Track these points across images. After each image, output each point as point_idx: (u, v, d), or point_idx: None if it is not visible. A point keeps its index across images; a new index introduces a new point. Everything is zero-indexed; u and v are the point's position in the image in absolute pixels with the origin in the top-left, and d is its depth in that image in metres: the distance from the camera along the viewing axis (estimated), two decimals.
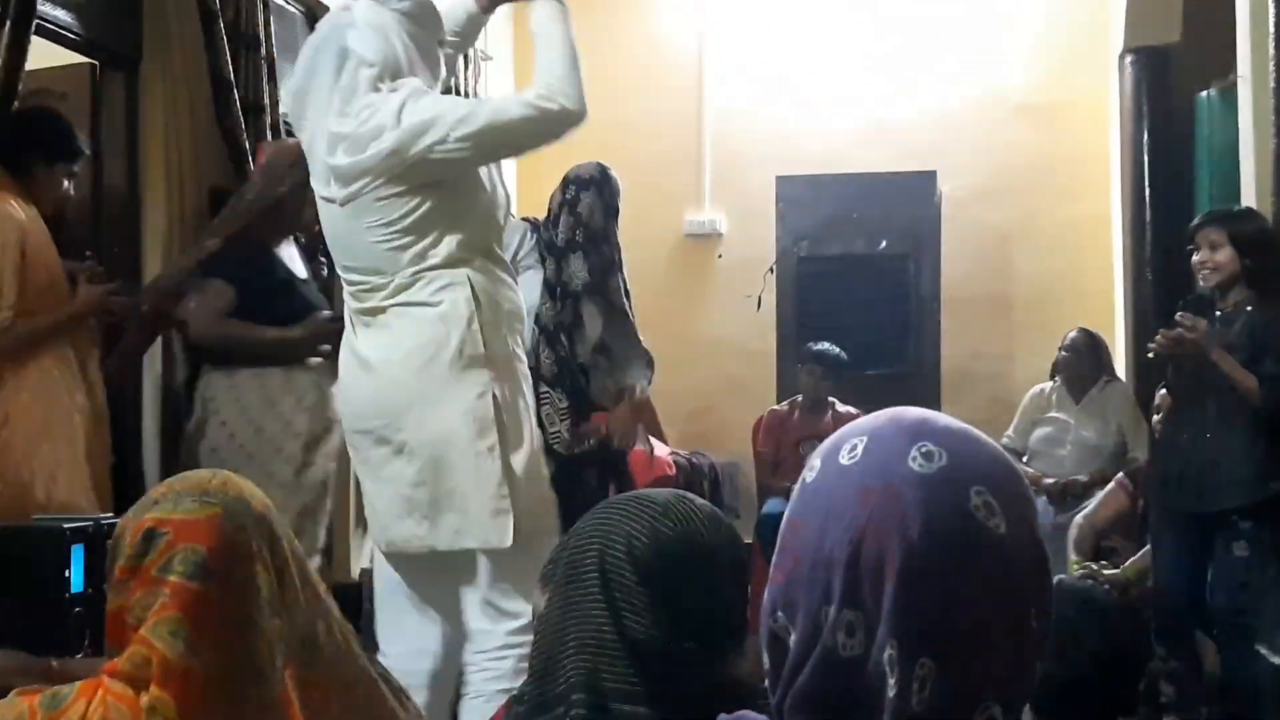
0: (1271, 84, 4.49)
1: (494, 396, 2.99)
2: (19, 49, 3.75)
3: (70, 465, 3.61)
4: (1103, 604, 2.04)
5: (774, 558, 1.09)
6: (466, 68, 7.16)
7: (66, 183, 3.79)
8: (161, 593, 1.69)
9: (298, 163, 3.55)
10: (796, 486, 1.11)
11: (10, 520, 3.32)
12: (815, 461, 1.10)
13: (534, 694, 1.50)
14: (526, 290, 4.17)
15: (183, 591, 1.69)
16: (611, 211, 4.79)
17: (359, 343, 3.12)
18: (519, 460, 3.02)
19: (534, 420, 3.22)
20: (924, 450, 1.04)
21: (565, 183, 4.80)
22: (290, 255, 4.55)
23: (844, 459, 1.07)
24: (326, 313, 4.34)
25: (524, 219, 4.95)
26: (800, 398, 6.95)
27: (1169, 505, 4.52)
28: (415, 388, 2.99)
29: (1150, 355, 4.48)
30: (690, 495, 1.60)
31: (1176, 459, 4.43)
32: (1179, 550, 4.40)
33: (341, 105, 2.98)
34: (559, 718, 1.46)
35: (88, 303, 3.72)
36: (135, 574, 1.71)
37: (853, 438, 1.08)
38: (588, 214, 4.72)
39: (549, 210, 4.84)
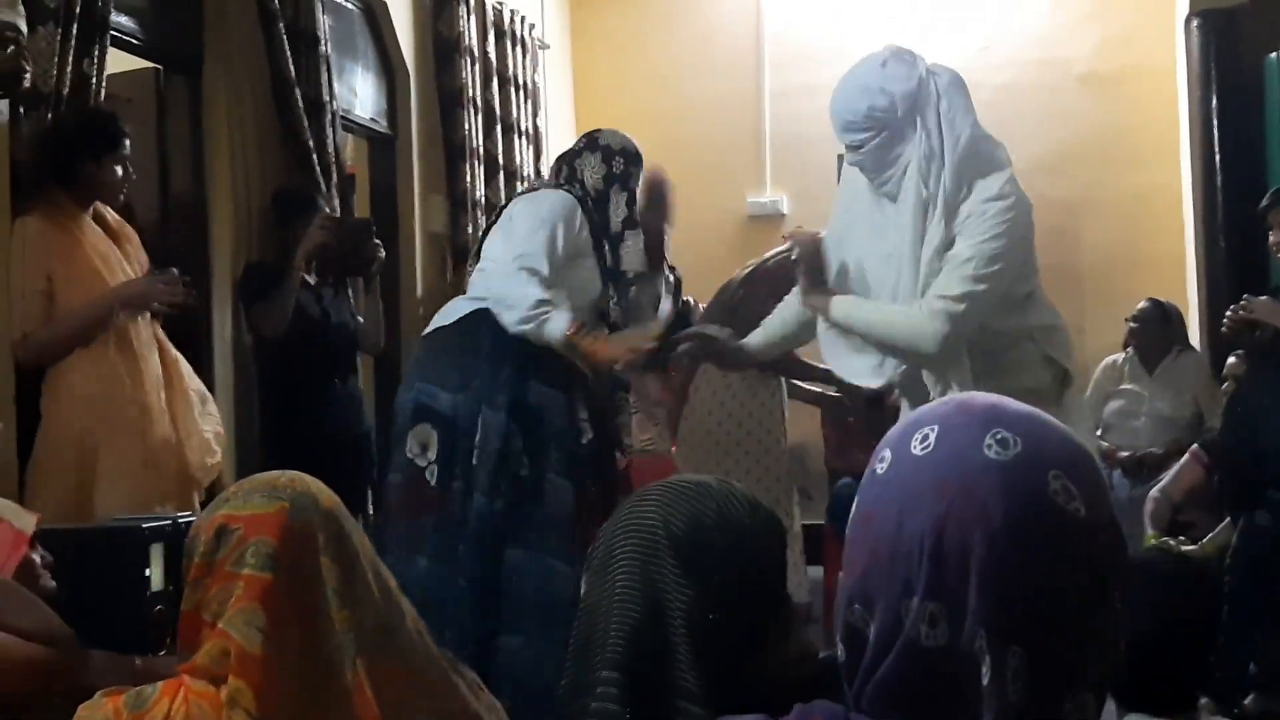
0: None
1: None
2: (89, 58, 3.80)
3: (130, 460, 3.63)
4: (1165, 574, 2.01)
5: (846, 550, 1.08)
6: (524, 56, 7.17)
7: (120, 169, 3.76)
8: (236, 586, 1.73)
9: None
10: (866, 476, 1.10)
11: (71, 518, 3.37)
12: (885, 452, 1.09)
13: (572, 676, 1.52)
14: (587, 277, 3.93)
15: (256, 583, 1.73)
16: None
17: None
18: None
19: None
20: (999, 437, 1.03)
21: (608, 153, 4.01)
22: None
23: (916, 449, 1.06)
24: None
25: (568, 191, 3.98)
26: None
27: (1230, 474, 4.53)
28: None
29: (1222, 336, 4.50)
30: (727, 479, 1.61)
31: (1234, 428, 4.43)
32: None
33: None
34: (593, 698, 1.47)
35: (124, 293, 3.68)
36: (210, 571, 1.76)
37: (923, 426, 1.07)
38: (639, 191, 4.08)
39: (583, 181, 3.98)
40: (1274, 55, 5.88)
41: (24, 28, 3.54)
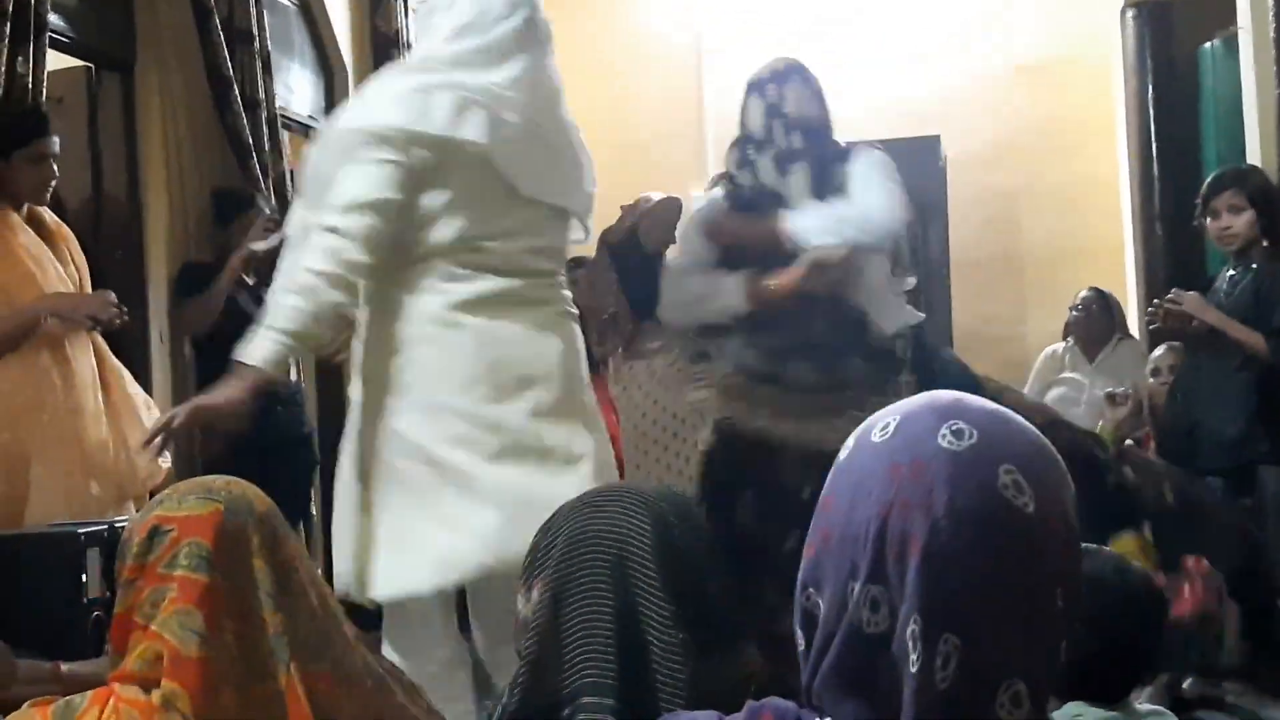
0: (1271, 34, 4.47)
1: None
2: (23, 58, 3.74)
3: (63, 466, 3.56)
4: (1109, 576, 2.03)
5: (808, 535, 1.09)
6: None
7: (35, 167, 3.65)
8: (170, 588, 1.72)
9: None
10: (832, 468, 1.11)
11: (2, 526, 3.31)
12: (849, 441, 1.10)
13: (527, 693, 1.48)
14: None
15: (190, 584, 1.72)
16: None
17: None
18: None
19: None
20: (954, 428, 1.04)
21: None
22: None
23: (875, 437, 1.07)
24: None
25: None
26: None
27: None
28: None
29: (1151, 330, 4.55)
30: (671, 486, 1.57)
31: (1173, 418, 4.50)
32: None
33: None
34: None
35: (54, 301, 3.60)
36: (142, 572, 1.75)
37: (887, 417, 1.08)
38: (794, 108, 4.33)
39: None
40: (1208, 45, 5.94)
41: None
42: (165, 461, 3.82)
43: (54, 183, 3.76)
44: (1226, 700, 4.44)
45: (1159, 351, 4.77)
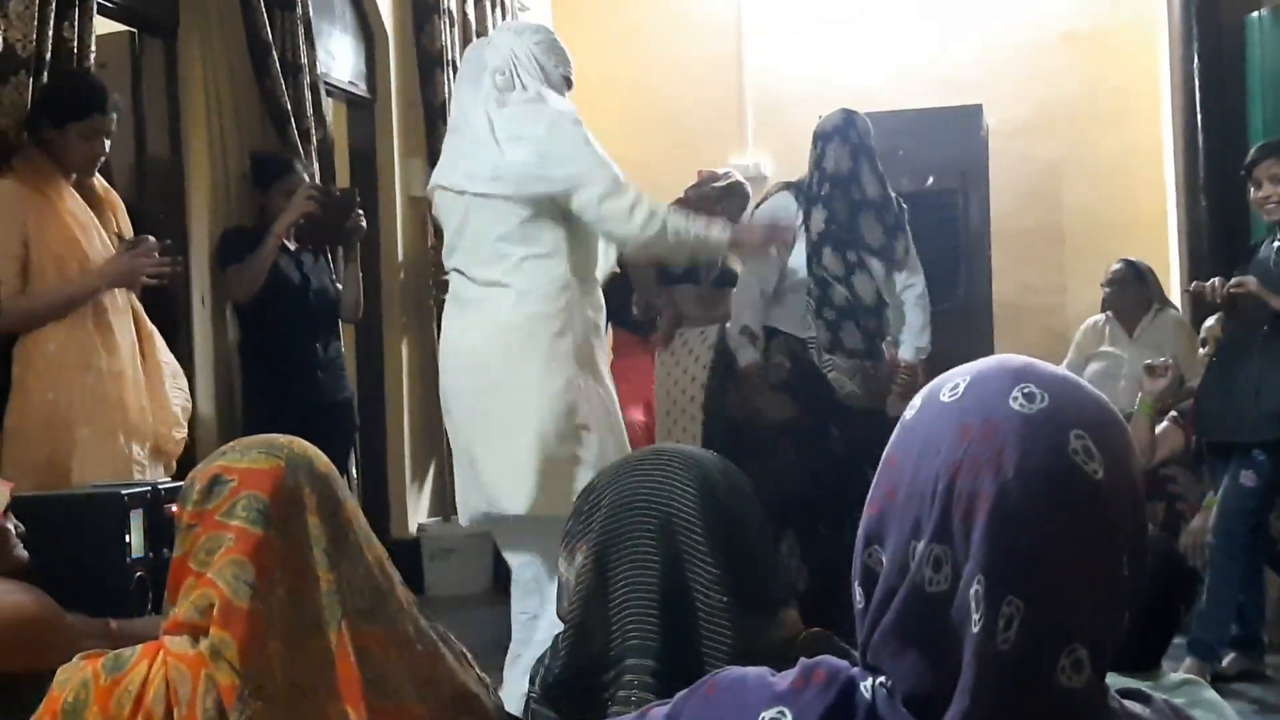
0: None
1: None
2: (68, 21, 3.75)
3: (107, 428, 3.59)
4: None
5: (870, 492, 1.09)
6: (503, 16, 7.12)
7: (87, 142, 3.65)
8: (226, 537, 1.75)
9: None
10: (896, 426, 1.10)
11: (46, 487, 3.34)
12: (916, 400, 1.10)
13: (571, 655, 1.48)
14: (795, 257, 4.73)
15: (246, 536, 1.74)
16: (862, 152, 4.84)
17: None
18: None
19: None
20: (1026, 391, 1.04)
21: (813, 139, 4.94)
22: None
23: (945, 396, 1.07)
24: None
25: (785, 185, 5.02)
26: None
27: (1206, 435, 4.57)
28: None
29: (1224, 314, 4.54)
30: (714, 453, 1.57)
31: (1217, 390, 4.46)
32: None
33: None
34: (609, 683, 1.43)
35: (110, 272, 3.64)
36: (200, 518, 1.78)
37: (956, 378, 1.08)
38: (833, 164, 4.81)
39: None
40: (1255, 14, 5.87)
41: None
42: (182, 431, 3.86)
43: (102, 159, 3.77)
44: (1266, 674, 4.44)
45: (1210, 322, 4.72)
